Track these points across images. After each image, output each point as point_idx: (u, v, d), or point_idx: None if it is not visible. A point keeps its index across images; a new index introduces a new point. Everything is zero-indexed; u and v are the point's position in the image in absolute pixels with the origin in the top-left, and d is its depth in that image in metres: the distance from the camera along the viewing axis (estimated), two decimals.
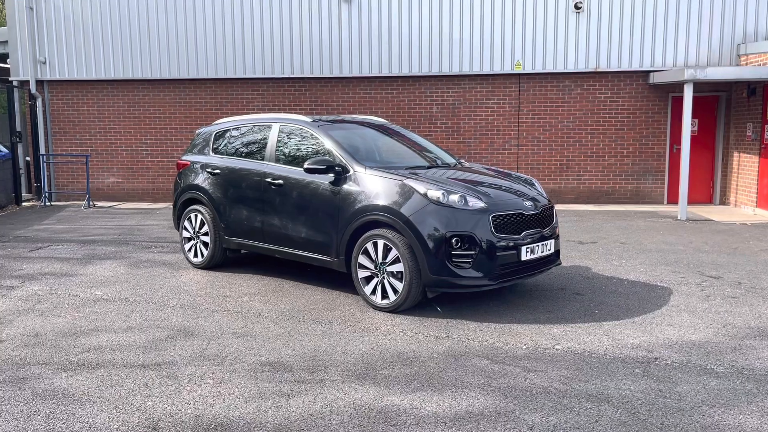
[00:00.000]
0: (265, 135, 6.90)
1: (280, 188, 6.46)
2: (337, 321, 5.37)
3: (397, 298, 5.52)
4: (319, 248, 6.18)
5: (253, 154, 6.98)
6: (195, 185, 7.40)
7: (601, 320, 5.36)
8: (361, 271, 5.77)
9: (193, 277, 6.99)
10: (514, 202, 5.68)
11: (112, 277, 6.98)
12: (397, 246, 5.45)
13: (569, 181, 13.49)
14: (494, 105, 13.49)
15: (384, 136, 7.11)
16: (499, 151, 13.57)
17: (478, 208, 5.43)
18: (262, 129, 7.01)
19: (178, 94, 14.27)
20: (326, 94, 13.85)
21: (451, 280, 5.32)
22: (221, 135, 7.48)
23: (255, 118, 7.28)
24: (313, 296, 6.16)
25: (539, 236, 5.71)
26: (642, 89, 13.08)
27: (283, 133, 6.76)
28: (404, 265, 5.42)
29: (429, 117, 13.62)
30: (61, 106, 14.59)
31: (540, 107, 13.38)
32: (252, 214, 6.78)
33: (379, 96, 13.70)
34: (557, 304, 5.87)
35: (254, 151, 6.98)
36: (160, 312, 5.65)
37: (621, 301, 5.93)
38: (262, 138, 6.93)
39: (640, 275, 6.95)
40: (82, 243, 9.02)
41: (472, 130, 13.57)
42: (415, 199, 5.49)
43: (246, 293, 6.30)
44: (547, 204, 6.03)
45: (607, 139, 13.29)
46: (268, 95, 14.01)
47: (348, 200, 5.89)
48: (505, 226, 5.47)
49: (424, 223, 5.37)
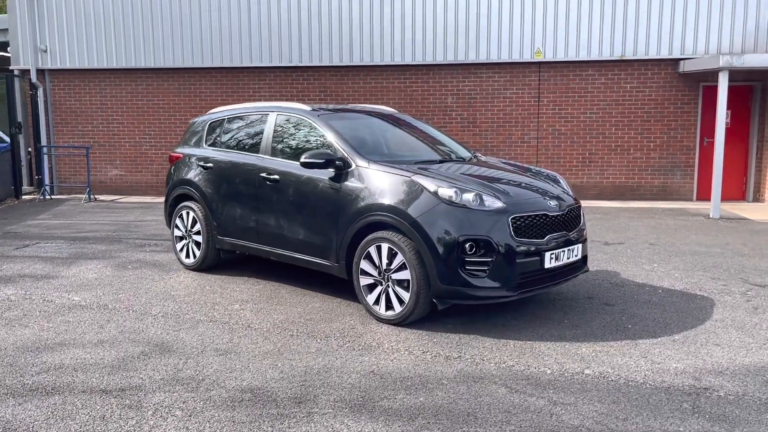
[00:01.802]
0: (262, 125, 6.28)
1: (276, 184, 5.84)
2: (335, 335, 4.75)
3: (403, 310, 4.88)
4: (317, 251, 5.56)
5: (248, 146, 6.36)
6: (187, 180, 6.80)
7: (635, 337, 4.69)
8: (364, 278, 5.15)
9: (182, 280, 6.40)
10: (537, 202, 5.01)
11: (96, 279, 6.41)
12: (404, 251, 4.81)
13: (592, 176, 12.74)
14: (513, 95, 12.76)
15: (392, 126, 6.46)
16: (518, 144, 12.85)
17: (496, 208, 4.76)
18: (258, 119, 6.39)
19: (182, 84, 13.70)
20: (335, 83, 13.20)
21: (464, 290, 4.67)
22: (216, 125, 6.87)
23: (251, 106, 6.65)
24: (312, 305, 5.55)
25: (565, 240, 5.04)
26: (671, 78, 12.28)
27: (280, 124, 6.13)
28: (411, 272, 4.78)
29: (443, 108, 12.93)
30: (62, 96, 14.08)
31: (561, 98, 12.63)
32: (246, 213, 6.18)
33: (390, 86, 13.03)
34: (584, 316, 5.20)
35: (250, 144, 6.36)
36: (138, 322, 5.06)
37: (657, 314, 5.25)
38: (258, 129, 6.31)
39: (675, 282, 6.25)
40: (72, 240, 8.48)
41: (488, 122, 12.86)
42: (424, 197, 4.84)
43: (237, 300, 5.70)
44: (574, 203, 5.35)
45: (633, 132, 12.52)
46: (275, 85, 13.40)
47: (349, 198, 5.25)
48: (527, 229, 4.81)
49: (434, 225, 4.72)
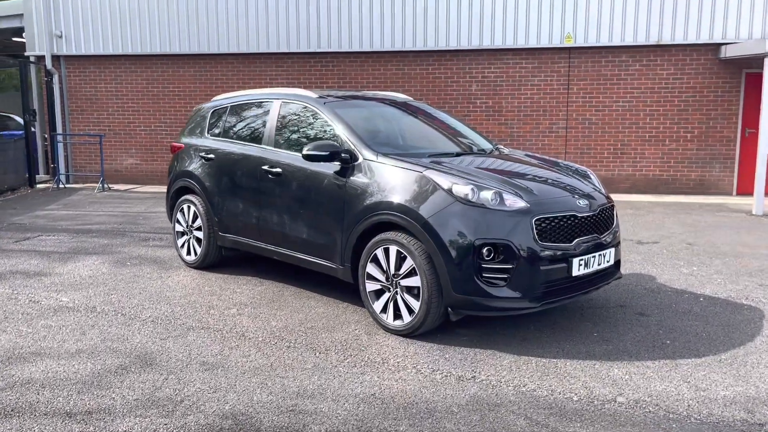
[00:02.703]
0: (265, 114, 5.81)
1: (279, 178, 5.38)
2: (337, 348, 4.28)
3: (412, 320, 4.39)
4: (321, 252, 5.09)
5: (251, 136, 5.90)
6: (188, 172, 6.37)
7: (675, 356, 4.14)
8: (370, 284, 4.66)
9: (181, 279, 5.99)
10: (565, 201, 4.46)
11: (90, 277, 6.03)
12: (413, 255, 4.31)
13: (624, 169, 12.07)
14: (541, 83, 12.11)
15: (406, 115, 5.94)
16: (545, 134, 12.22)
17: (518, 208, 4.23)
18: (261, 107, 5.92)
19: (198, 71, 13.31)
20: (355, 70, 12.69)
21: (480, 300, 4.16)
22: (218, 114, 6.42)
23: (255, 93, 6.17)
24: (315, 310, 5.09)
25: (596, 244, 4.49)
26: (711, 65, 11.52)
27: (284, 112, 5.65)
28: (422, 279, 4.29)
29: (467, 96, 12.34)
30: (78, 83, 13.79)
31: (592, 85, 11.95)
32: (248, 208, 5.73)
33: (412, 72, 12.47)
34: (616, 329, 4.66)
35: (252, 134, 5.90)
36: (125, 328, 4.65)
37: (699, 327, 4.68)
38: (262, 118, 5.84)
39: (718, 289, 5.65)
40: (75, 233, 8.14)
41: (515, 111, 12.25)
42: (436, 195, 4.33)
43: (236, 303, 5.26)
44: (606, 203, 4.79)
45: (669, 122, 11.81)
46: (293, 71, 12.93)
47: (355, 195, 4.76)
48: (553, 232, 4.27)
49: (447, 226, 4.20)
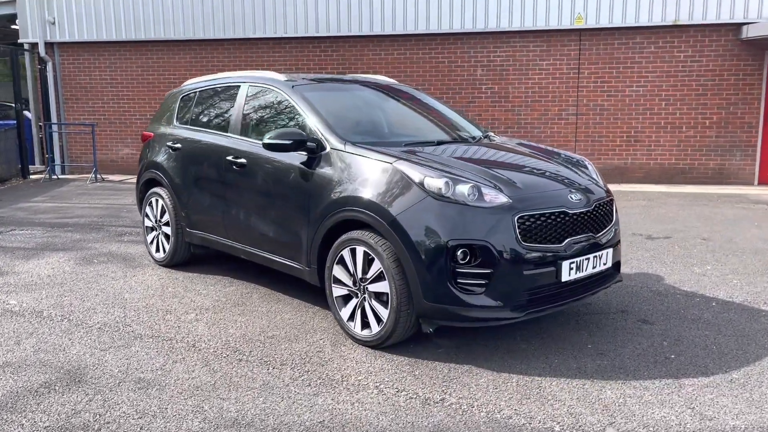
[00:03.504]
0: (232, 99, 5.32)
1: (243, 169, 4.89)
2: (294, 362, 3.79)
3: (380, 330, 3.89)
4: (287, 252, 4.60)
5: (217, 124, 5.42)
6: (155, 163, 5.91)
7: (679, 374, 3.59)
8: (337, 288, 4.16)
9: (146, 279, 5.54)
10: (554, 196, 3.91)
11: (49, 277, 5.61)
12: (381, 257, 3.80)
13: (637, 157, 11.42)
14: (549, 67, 11.48)
15: (388, 100, 5.40)
16: (554, 121, 11.61)
17: (498, 204, 3.70)
18: (229, 92, 5.43)
19: (194, 57, 12.86)
20: (355, 55, 12.15)
21: (454, 310, 3.64)
22: (187, 100, 5.94)
23: (224, 77, 5.67)
24: (282, 316, 4.60)
25: (591, 245, 3.94)
26: (732, 46, 10.81)
27: (250, 97, 5.15)
28: (390, 284, 3.78)
29: (472, 81, 11.74)
30: (72, 71, 13.41)
31: (604, 69, 11.30)
32: (214, 202, 5.26)
33: (414, 57, 11.90)
34: (615, 339, 4.12)
35: (219, 121, 5.42)
36: (65, 337, 4.20)
37: (709, 338, 4.12)
38: (229, 104, 5.35)
39: (733, 292, 5.08)
40: (51, 227, 7.74)
41: (522, 96, 11.64)
42: (406, 189, 3.80)
43: (197, 307, 4.80)
44: (604, 197, 4.23)
45: (686, 107, 11.13)
46: (290, 57, 12.43)
47: (320, 189, 4.25)
48: (539, 231, 3.73)
49: (417, 225, 3.68)
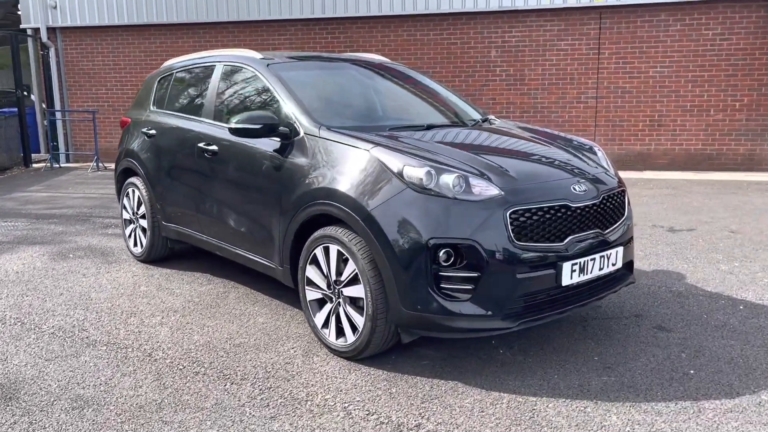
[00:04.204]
0: (207, 81, 4.86)
1: (215, 157, 4.44)
2: (258, 376, 3.35)
3: (356, 340, 3.42)
4: (261, 249, 4.15)
5: (191, 108, 4.97)
6: (131, 151, 5.50)
7: (699, 395, 3.07)
8: (310, 291, 3.70)
9: (119, 276, 5.14)
10: (554, 187, 3.38)
11: (17, 273, 5.23)
12: (356, 257, 3.33)
13: (661, 142, 10.76)
14: (568, 47, 10.84)
15: (377, 80, 4.88)
16: (573, 105, 10.98)
17: (488, 197, 3.19)
18: (204, 72, 4.96)
19: (197, 41, 12.44)
20: (363, 37, 11.62)
21: (436, 319, 3.15)
22: (164, 82, 5.50)
23: (200, 56, 5.20)
24: (255, 320, 4.16)
25: (597, 243, 3.42)
26: (764, 23, 10.07)
27: (225, 77, 4.69)
28: (365, 288, 3.30)
29: (485, 63, 11.15)
30: (75, 57, 13.08)
31: (626, 49, 10.63)
32: (188, 194, 4.82)
33: (425, 38, 11.33)
34: (626, 350, 3.60)
35: (192, 105, 4.97)
36: (12, 343, 3.80)
37: (734, 350, 3.59)
38: (203, 85, 4.90)
39: (764, 293, 4.51)
40: (36, 219, 7.39)
41: (539, 79, 11.02)
42: (384, 180, 3.31)
43: (165, 309, 4.37)
44: (615, 188, 3.70)
45: (714, 89, 10.43)
46: (296, 39, 11.94)
47: (292, 179, 3.79)
48: (536, 228, 3.22)
49: (395, 221, 3.20)
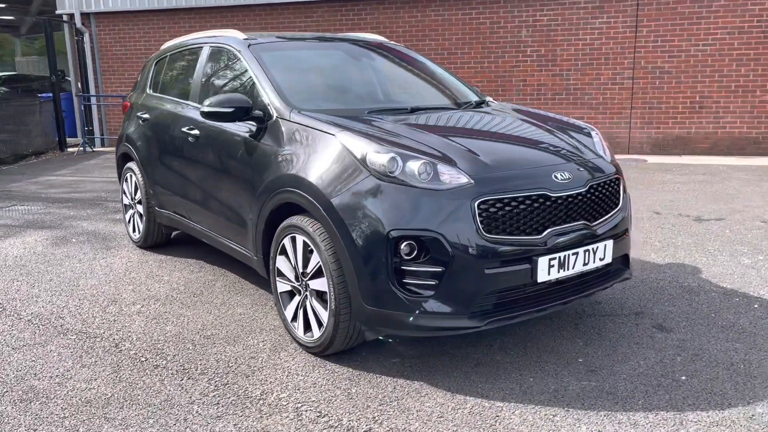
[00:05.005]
0: (194, 63, 4.73)
1: (197, 142, 4.31)
2: (217, 371, 3.21)
3: (321, 336, 3.24)
4: (239, 236, 4.01)
5: (179, 91, 4.86)
6: (127, 135, 5.44)
7: (685, 404, 2.78)
8: (281, 282, 3.54)
9: (113, 262, 5.09)
10: (533, 174, 3.10)
11: (15, 258, 5.25)
12: (319, 248, 3.14)
13: (702, 126, 10.17)
14: (603, 25, 10.32)
15: (370, 61, 4.65)
16: (608, 87, 10.47)
17: (457, 185, 2.94)
18: (193, 54, 4.83)
19: (225, 24, 12.38)
20: (390, 18, 11.34)
21: (398, 316, 2.94)
22: (160, 64, 5.40)
23: (191, 38, 5.07)
24: (234, 310, 4.03)
25: (583, 236, 3.14)
26: None
27: (210, 59, 4.55)
28: (328, 282, 3.11)
29: (516, 44, 10.73)
30: (108, 42, 13.21)
31: (666, 26, 10.04)
32: (176, 179, 4.72)
33: (453, 18, 10.98)
34: (615, 351, 3.32)
35: (181, 88, 4.86)
36: None
37: (738, 353, 3.25)
38: (191, 68, 4.77)
39: None
40: (52, 202, 7.46)
41: (571, 59, 10.54)
42: (347, 166, 3.10)
43: (147, 297, 4.29)
44: (607, 175, 3.38)
45: (761, 68, 9.76)
46: (323, 22, 11.75)
47: (262, 165, 3.62)
48: (509, 220, 2.96)
49: (356, 211, 2.99)
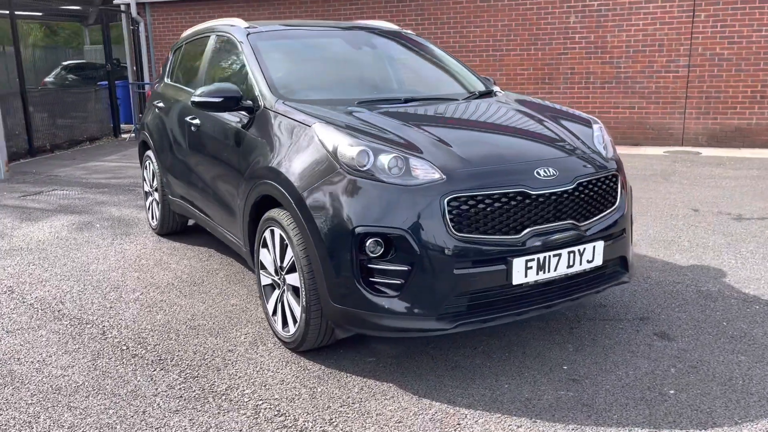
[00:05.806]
0: (202, 52, 4.73)
1: (198, 131, 4.31)
2: (191, 363, 3.20)
3: (295, 332, 3.18)
4: (231, 226, 3.99)
5: (189, 80, 4.89)
6: (146, 123, 5.52)
7: (664, 421, 2.57)
8: (264, 275, 3.49)
9: (128, 248, 5.18)
10: (512, 170, 2.91)
11: (38, 242, 5.42)
12: (292, 243, 3.07)
13: (764, 117, 9.53)
14: (657, 10, 9.80)
15: (374, 50, 4.52)
16: (661, 75, 9.95)
17: (427, 181, 2.80)
18: (202, 43, 4.83)
19: (272, 12, 12.45)
20: (434, 3, 11.12)
21: (363, 315, 2.83)
22: (177, 53, 5.44)
23: (202, 27, 5.05)
24: (227, 301, 4.02)
25: (569, 237, 2.93)
26: None
27: (214, 48, 4.53)
28: (300, 277, 3.04)
29: (563, 30, 10.33)
30: (162, 31, 13.54)
31: (726, 10, 9.44)
32: (183, 167, 4.74)
33: (499, 4, 10.66)
34: (606, 360, 3.11)
35: (190, 77, 4.88)
36: None
37: (741, 367, 2.99)
38: (200, 57, 4.77)
39: None
40: (91, 188, 7.69)
41: (622, 46, 10.07)
42: (319, 160, 3.01)
43: (151, 284, 4.34)
44: (602, 172, 3.14)
45: None
46: (367, 9, 11.64)
47: (248, 156, 3.58)
48: (483, 218, 2.80)
49: (324, 206, 2.89)
